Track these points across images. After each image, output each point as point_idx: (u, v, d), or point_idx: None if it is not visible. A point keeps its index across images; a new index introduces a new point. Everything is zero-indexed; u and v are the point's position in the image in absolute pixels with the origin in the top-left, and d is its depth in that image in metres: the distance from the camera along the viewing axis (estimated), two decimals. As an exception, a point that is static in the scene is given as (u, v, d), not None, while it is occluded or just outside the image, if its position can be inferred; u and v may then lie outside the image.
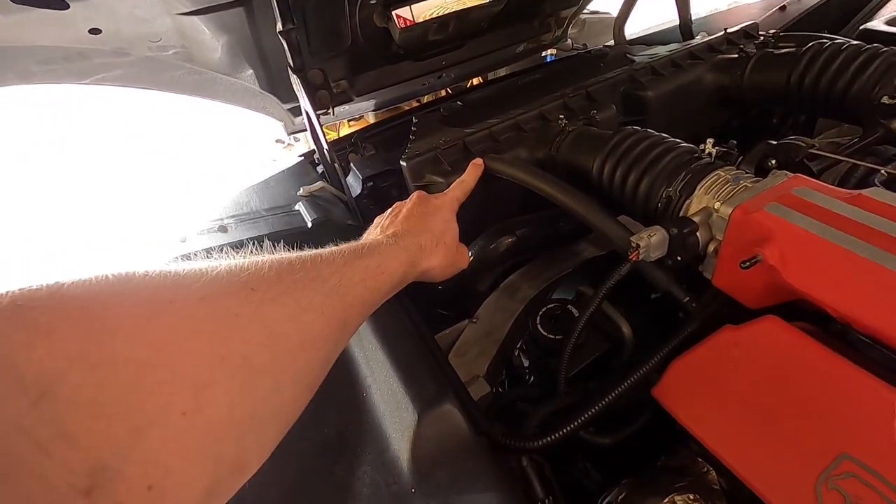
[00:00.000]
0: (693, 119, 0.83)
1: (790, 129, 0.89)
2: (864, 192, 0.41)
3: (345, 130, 1.85)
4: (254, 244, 0.36)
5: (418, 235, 0.49)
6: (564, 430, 0.43)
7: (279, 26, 0.79)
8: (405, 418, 0.41)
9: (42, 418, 0.20)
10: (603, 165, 0.60)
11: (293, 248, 0.60)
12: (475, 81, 1.60)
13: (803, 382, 0.37)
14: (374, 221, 0.56)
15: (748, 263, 0.41)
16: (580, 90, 0.79)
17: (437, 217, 0.54)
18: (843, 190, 0.43)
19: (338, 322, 0.34)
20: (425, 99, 1.58)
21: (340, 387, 0.38)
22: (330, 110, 1.15)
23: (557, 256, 0.76)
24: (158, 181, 3.12)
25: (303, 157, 1.10)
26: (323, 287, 0.34)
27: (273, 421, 0.29)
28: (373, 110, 1.38)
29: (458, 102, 0.96)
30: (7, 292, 0.22)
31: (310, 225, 0.75)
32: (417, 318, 0.52)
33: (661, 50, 0.93)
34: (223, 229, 0.73)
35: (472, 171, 0.65)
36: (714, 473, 0.50)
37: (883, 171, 0.50)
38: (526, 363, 0.72)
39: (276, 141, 2.89)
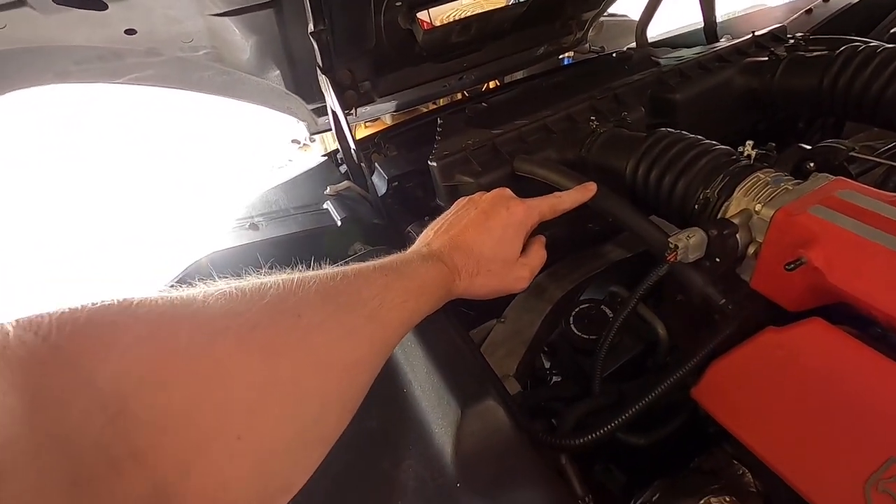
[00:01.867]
0: (720, 122, 0.82)
1: (817, 133, 0.89)
2: (910, 194, 0.41)
3: (361, 133, 1.87)
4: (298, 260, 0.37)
5: (462, 256, 0.48)
6: (607, 428, 0.43)
7: (311, 27, 0.80)
8: (448, 414, 0.41)
9: (117, 436, 0.21)
10: (637, 167, 0.60)
11: (323, 246, 0.60)
12: (490, 85, 1.61)
13: (851, 384, 0.37)
14: (436, 221, 0.55)
15: (793, 265, 0.41)
16: (608, 92, 0.79)
17: (494, 235, 0.50)
18: (888, 193, 0.43)
19: (379, 344, 0.35)
20: (441, 102, 1.59)
21: (380, 382, 0.39)
22: (353, 111, 1.17)
23: (585, 258, 0.76)
24: (180, 182, 3.16)
25: (326, 157, 1.12)
26: (363, 310, 0.34)
27: (319, 443, 0.30)
28: (392, 112, 1.40)
29: (483, 104, 0.96)
30: (83, 307, 0.23)
31: (339, 223, 0.76)
32: (452, 315, 0.52)
33: (687, 52, 0.93)
34: (254, 227, 0.74)
35: (576, 196, 0.55)
36: (750, 476, 0.50)
37: (924, 175, 0.50)
38: (547, 364, 0.72)
39: (292, 141, 2.92)
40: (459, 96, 1.54)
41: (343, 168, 1.04)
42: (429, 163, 0.73)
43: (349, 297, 0.34)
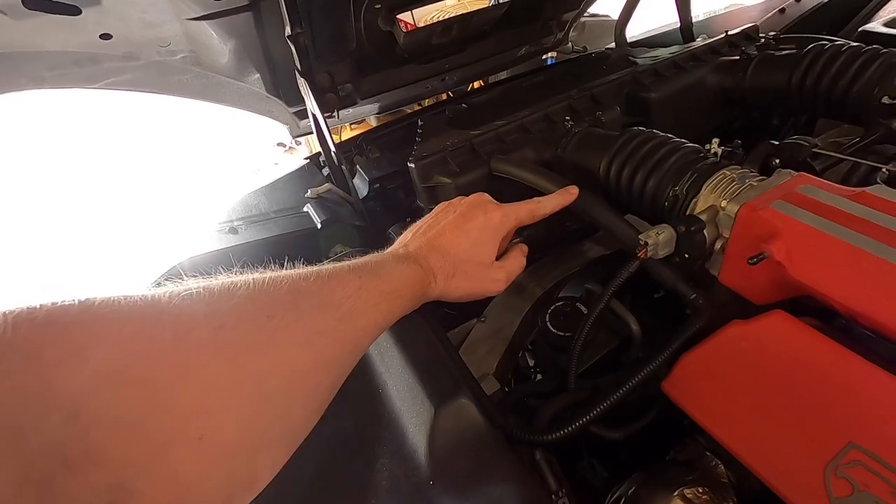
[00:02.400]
0: (695, 120, 0.84)
1: (791, 130, 0.90)
2: (868, 189, 0.43)
3: (347, 134, 1.87)
4: (274, 262, 0.37)
5: (438, 258, 0.49)
6: (579, 423, 0.44)
7: (288, 30, 0.80)
8: (421, 412, 0.41)
9: (72, 436, 0.21)
10: (610, 165, 0.61)
11: (303, 249, 0.60)
12: (475, 85, 1.61)
13: (811, 374, 0.38)
14: (415, 224, 0.55)
15: (755, 259, 0.42)
16: (584, 92, 0.80)
17: (470, 238, 0.51)
18: (847, 188, 0.44)
19: (350, 346, 0.36)
20: (426, 102, 1.59)
21: (356, 382, 0.39)
22: (335, 113, 1.17)
23: (564, 256, 0.77)
24: (162, 185, 3.13)
25: (308, 160, 1.12)
26: (336, 312, 0.34)
27: (284, 441, 0.30)
28: (375, 114, 1.40)
29: (463, 105, 0.97)
30: (41, 306, 0.23)
31: (319, 226, 0.76)
32: (429, 315, 0.53)
33: (663, 52, 0.95)
34: (234, 231, 0.74)
35: (557, 200, 0.56)
36: (722, 467, 0.51)
37: (884, 170, 0.51)
38: (531, 363, 0.73)
39: (278, 144, 2.91)
40: (445, 97, 1.55)
41: (326, 171, 1.04)
42: (408, 164, 0.73)
43: (322, 298, 0.34)
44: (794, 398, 0.38)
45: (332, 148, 0.88)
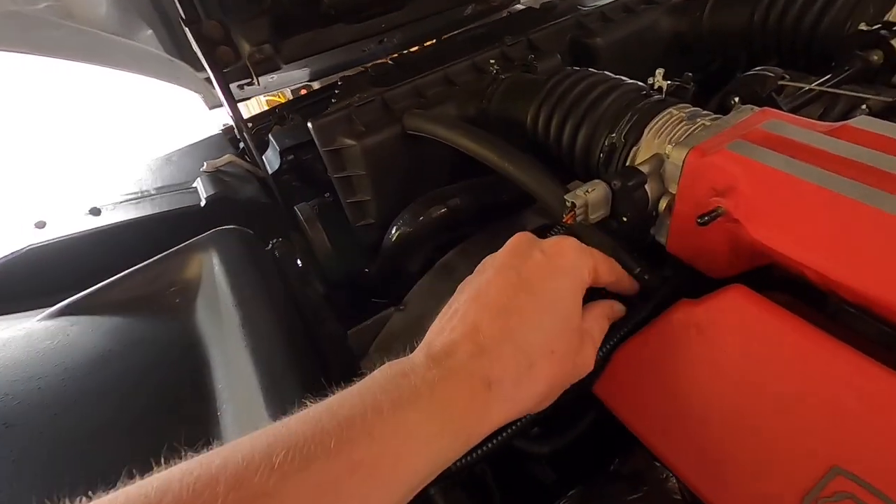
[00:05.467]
0: (647, 71, 0.73)
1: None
2: (850, 122, 0.32)
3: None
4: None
5: (511, 355, 0.29)
6: (475, 455, 0.32)
7: (161, -35, 0.66)
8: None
9: None
10: (538, 114, 0.49)
11: (180, 230, 0.47)
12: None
13: (779, 371, 0.28)
14: (462, 289, 0.37)
15: (707, 218, 0.31)
16: (520, 38, 0.69)
17: (553, 333, 0.31)
18: (823, 122, 0.34)
19: None
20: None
21: (189, 401, 0.28)
22: (254, 80, 1.03)
23: (500, 230, 0.66)
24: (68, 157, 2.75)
25: (222, 131, 0.98)
26: (372, 482, 0.25)
27: None
28: (307, 81, 1.25)
29: (389, 62, 0.85)
30: None
31: (203, 203, 0.63)
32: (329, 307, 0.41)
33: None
34: (95, 212, 0.60)
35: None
36: (674, 480, 0.41)
37: (865, 106, 0.41)
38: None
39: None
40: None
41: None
42: (307, 124, 0.61)
43: (367, 471, 0.25)
44: (757, 404, 0.28)
45: (231, 112, 0.75)
